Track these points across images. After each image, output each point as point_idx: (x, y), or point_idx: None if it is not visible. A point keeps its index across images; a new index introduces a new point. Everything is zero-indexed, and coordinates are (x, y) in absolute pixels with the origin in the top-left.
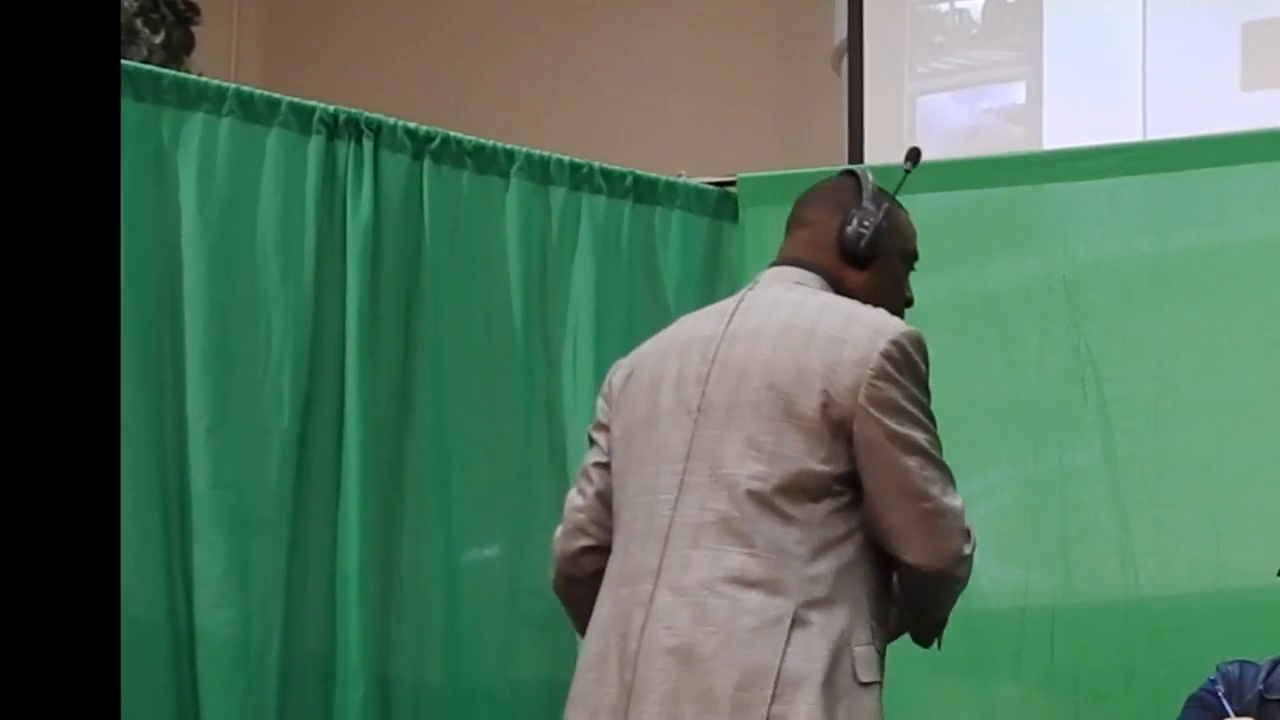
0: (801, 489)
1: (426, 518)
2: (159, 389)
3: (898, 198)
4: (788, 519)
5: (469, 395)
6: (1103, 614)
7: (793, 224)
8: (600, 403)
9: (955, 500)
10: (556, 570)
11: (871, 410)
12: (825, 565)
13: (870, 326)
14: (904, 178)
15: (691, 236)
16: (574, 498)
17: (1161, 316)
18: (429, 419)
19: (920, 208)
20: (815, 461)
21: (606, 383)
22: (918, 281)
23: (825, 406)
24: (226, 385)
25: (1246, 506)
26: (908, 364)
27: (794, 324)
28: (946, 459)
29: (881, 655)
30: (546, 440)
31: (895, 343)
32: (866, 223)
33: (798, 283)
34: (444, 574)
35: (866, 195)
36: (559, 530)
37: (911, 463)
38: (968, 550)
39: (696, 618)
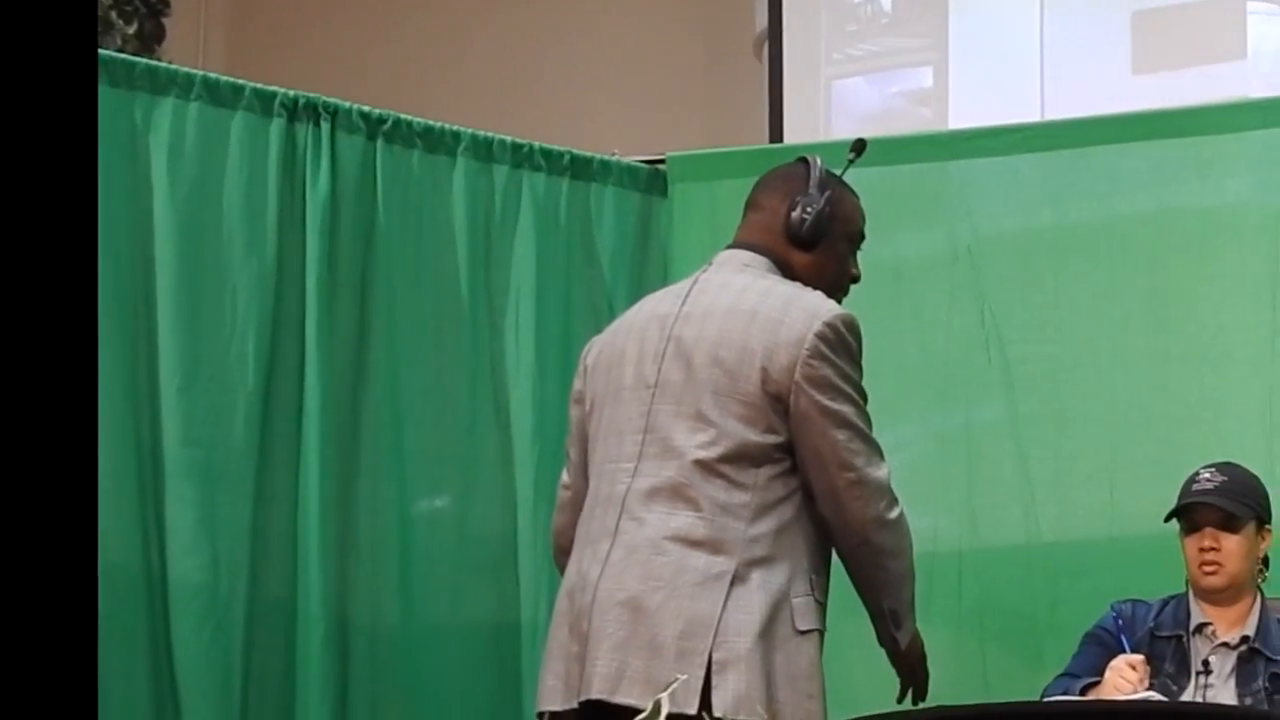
0: (744, 457)
1: (381, 471)
2: (133, 353)
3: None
4: (732, 484)
5: (420, 357)
6: (1006, 558)
7: (748, 208)
8: (576, 380)
9: (879, 471)
10: (552, 544)
11: (806, 386)
12: (766, 525)
13: (807, 310)
14: (849, 163)
15: (624, 210)
16: (562, 476)
17: (1059, 283)
18: (383, 379)
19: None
20: (756, 433)
21: (581, 360)
22: None
23: (765, 383)
24: (195, 349)
25: (1137, 458)
26: (841, 344)
27: (738, 306)
28: None
29: (821, 606)
30: (491, 398)
31: (829, 324)
32: (810, 209)
33: (746, 265)
34: (397, 523)
35: (813, 182)
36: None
37: (840, 435)
38: (890, 516)
39: (645, 574)
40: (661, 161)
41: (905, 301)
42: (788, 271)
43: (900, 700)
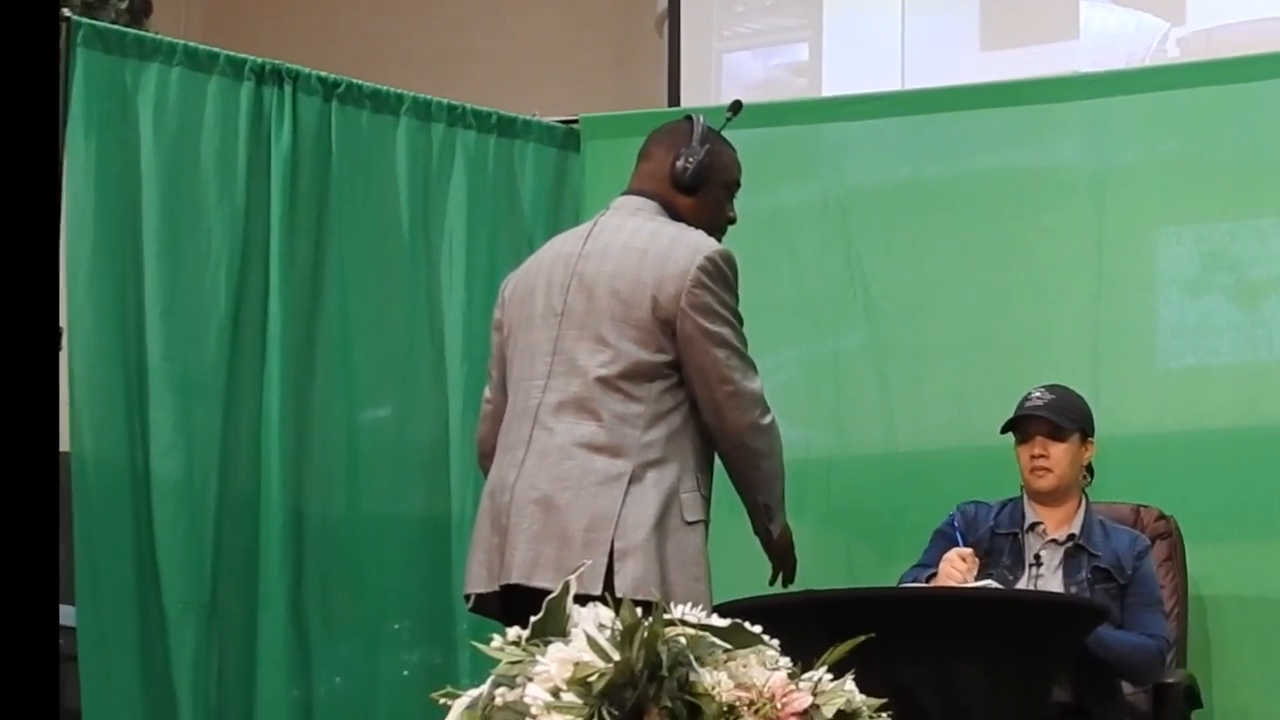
0: (638, 374)
1: (332, 384)
2: (122, 282)
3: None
4: (628, 398)
5: (367, 288)
6: (868, 466)
7: (640, 158)
8: (495, 310)
9: (754, 384)
10: (477, 450)
11: (690, 312)
12: (658, 432)
13: (690, 246)
14: (726, 121)
15: (543, 164)
16: (485, 392)
17: (915, 231)
18: (335, 307)
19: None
20: (648, 353)
21: (500, 293)
22: None
23: (655, 309)
24: (175, 279)
25: (981, 382)
26: (719, 275)
27: (632, 245)
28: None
29: (706, 500)
30: (427, 324)
31: (709, 259)
32: (691, 159)
33: (638, 209)
34: (346, 429)
35: (695, 136)
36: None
37: (720, 353)
38: (763, 422)
39: (555, 476)
40: (576, 122)
41: (783, 245)
42: (673, 213)
43: (772, 583)
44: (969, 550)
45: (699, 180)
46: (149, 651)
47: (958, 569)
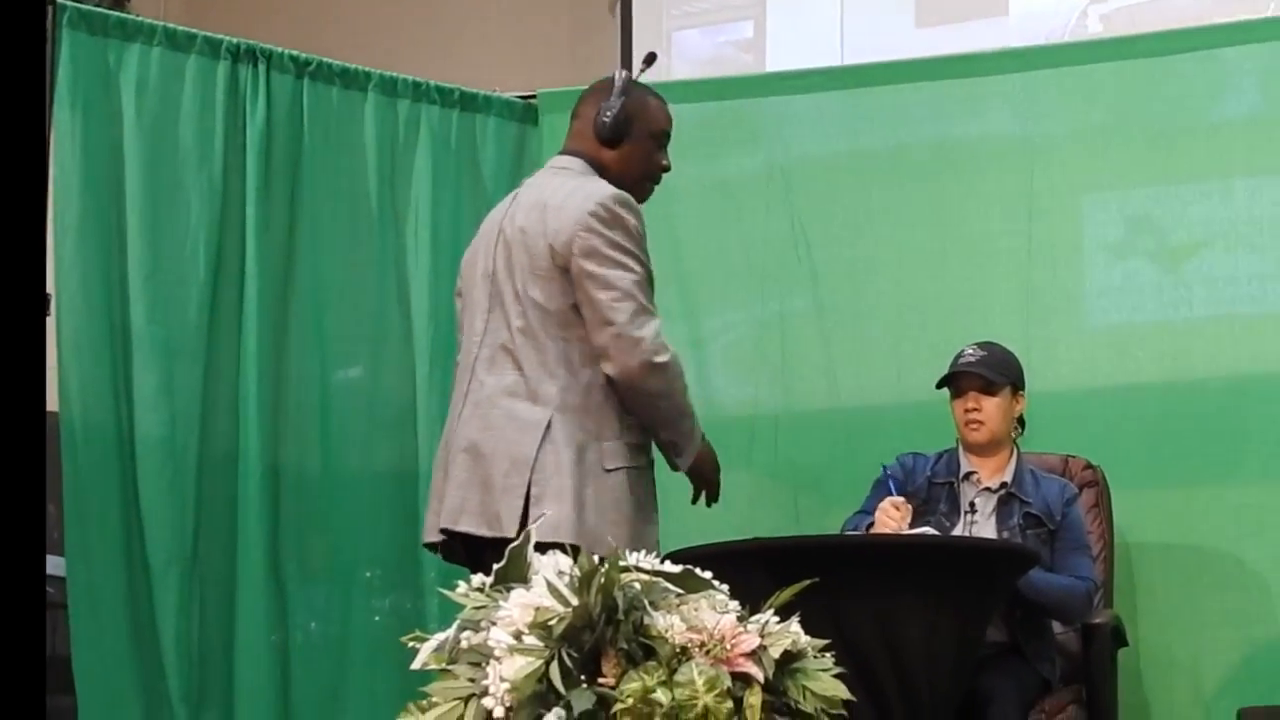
0: (552, 323)
1: (306, 346)
2: (109, 249)
3: (659, 94)
4: (545, 347)
5: (338, 255)
6: (813, 420)
7: (571, 119)
8: (457, 279)
9: (642, 329)
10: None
11: (578, 256)
12: (577, 380)
13: (585, 194)
14: (641, 71)
15: (503, 137)
16: (457, 355)
17: (856, 198)
18: (308, 273)
19: (679, 116)
20: (556, 303)
21: (462, 261)
22: (679, 173)
23: (554, 258)
24: (158, 246)
25: (919, 340)
26: (613, 219)
27: (540, 200)
28: (697, 306)
29: (632, 446)
30: (395, 289)
31: (601, 204)
32: (609, 113)
33: (563, 168)
34: (319, 389)
35: (615, 90)
36: None
37: (602, 296)
38: (655, 361)
39: (483, 425)
40: (533, 98)
41: (730, 212)
42: (601, 168)
43: (694, 501)
44: (901, 499)
45: (621, 131)
46: (135, 600)
47: (891, 518)
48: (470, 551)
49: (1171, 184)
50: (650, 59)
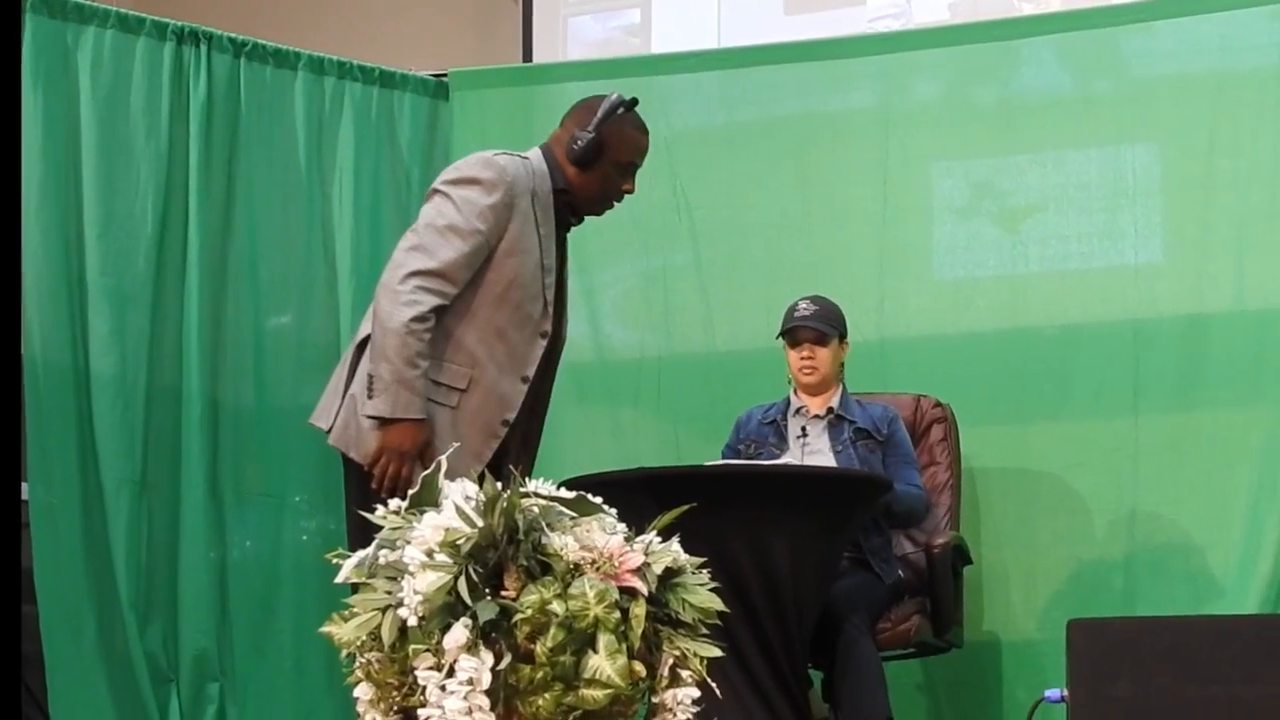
0: None
1: (242, 295)
2: (65, 209)
3: (653, 131)
4: None
5: (271, 214)
6: (694, 364)
7: (563, 119)
8: None
9: (417, 258)
10: None
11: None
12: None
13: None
14: (617, 112)
15: (418, 111)
16: None
17: (731, 166)
18: (244, 231)
19: (571, 94)
20: None
21: None
22: None
23: None
24: (111, 206)
25: (787, 292)
26: (457, 173)
27: None
28: (589, 260)
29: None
30: (322, 245)
31: (456, 165)
32: (580, 141)
33: (525, 158)
34: (254, 333)
35: (596, 120)
36: None
37: (409, 234)
38: (397, 286)
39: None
40: (445, 76)
41: None
42: (563, 177)
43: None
44: None
45: (587, 158)
46: (89, 520)
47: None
48: None
49: (1011, 154)
50: (632, 104)
